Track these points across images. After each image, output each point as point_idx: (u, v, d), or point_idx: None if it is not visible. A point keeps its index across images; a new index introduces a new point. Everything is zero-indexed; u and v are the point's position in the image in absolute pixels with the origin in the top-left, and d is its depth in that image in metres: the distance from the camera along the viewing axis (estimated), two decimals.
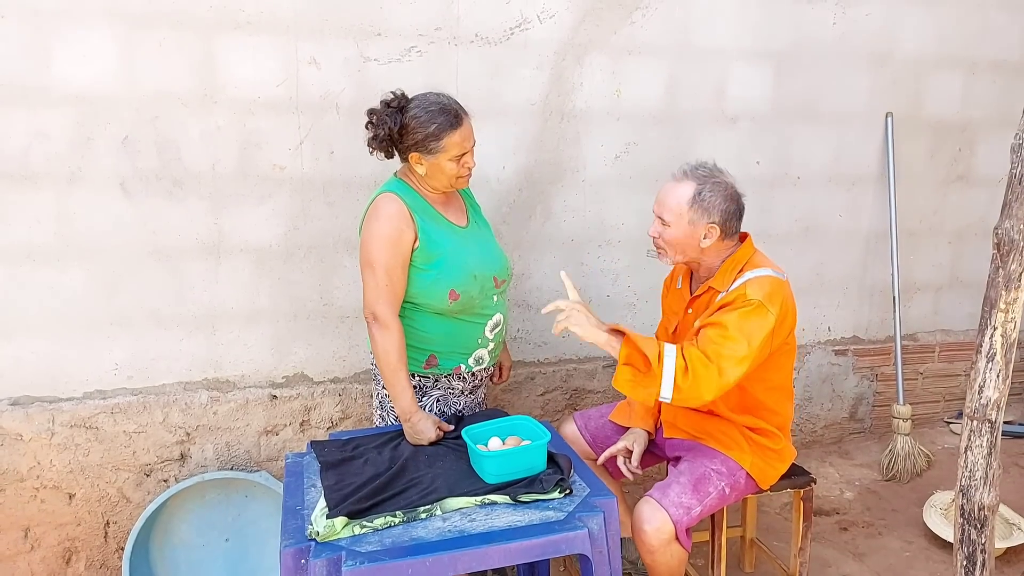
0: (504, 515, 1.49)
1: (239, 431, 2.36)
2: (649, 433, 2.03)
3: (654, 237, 1.86)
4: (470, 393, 2.02)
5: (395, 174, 1.93)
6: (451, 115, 1.81)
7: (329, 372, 2.44)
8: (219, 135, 2.20)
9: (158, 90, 2.13)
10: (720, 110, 2.65)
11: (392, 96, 1.83)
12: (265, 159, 2.25)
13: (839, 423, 3.13)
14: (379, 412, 2.02)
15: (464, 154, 1.84)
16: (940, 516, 2.49)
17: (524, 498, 1.54)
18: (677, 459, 1.95)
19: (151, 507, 2.16)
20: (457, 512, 1.51)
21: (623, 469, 1.96)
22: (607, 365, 2.71)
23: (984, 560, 1.61)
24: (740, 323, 1.69)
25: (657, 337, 2.08)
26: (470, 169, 1.88)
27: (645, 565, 1.82)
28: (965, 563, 1.62)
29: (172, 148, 2.18)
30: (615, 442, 2.04)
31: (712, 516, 1.94)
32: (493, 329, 1.96)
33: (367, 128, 1.85)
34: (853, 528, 2.56)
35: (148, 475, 2.31)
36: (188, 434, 2.32)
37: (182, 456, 2.33)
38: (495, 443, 1.70)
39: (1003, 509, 2.47)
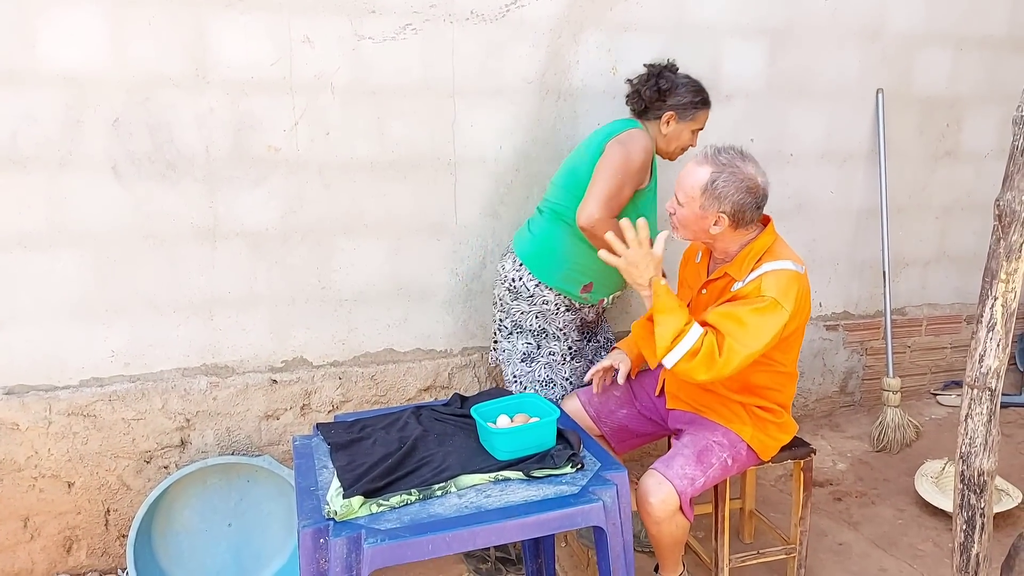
0: (519, 490, 1.50)
1: (239, 416, 2.35)
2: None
3: (670, 213, 1.86)
4: (591, 324, 2.36)
5: (628, 119, 2.21)
6: (707, 95, 2.18)
7: (329, 356, 2.43)
8: (212, 117, 2.16)
9: (149, 71, 2.09)
10: (715, 87, 2.63)
11: (667, 61, 2.19)
12: (260, 141, 2.21)
13: (830, 397, 3.19)
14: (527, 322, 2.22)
15: (698, 131, 2.20)
16: (931, 484, 2.55)
17: (537, 473, 1.55)
18: (679, 432, 1.98)
19: (154, 493, 2.14)
20: (472, 489, 1.52)
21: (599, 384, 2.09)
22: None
23: (983, 524, 1.65)
24: (757, 321, 1.70)
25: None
26: (688, 149, 2.22)
27: (650, 536, 1.85)
28: (965, 527, 1.67)
29: (164, 130, 2.14)
30: (622, 414, 2.07)
31: (715, 488, 1.97)
32: None
33: (632, 83, 2.20)
34: (847, 498, 2.62)
35: (148, 462, 2.29)
36: (188, 420, 2.30)
37: (182, 442, 2.31)
38: (503, 420, 1.71)
39: None
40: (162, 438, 2.28)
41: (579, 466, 1.59)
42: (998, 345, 1.58)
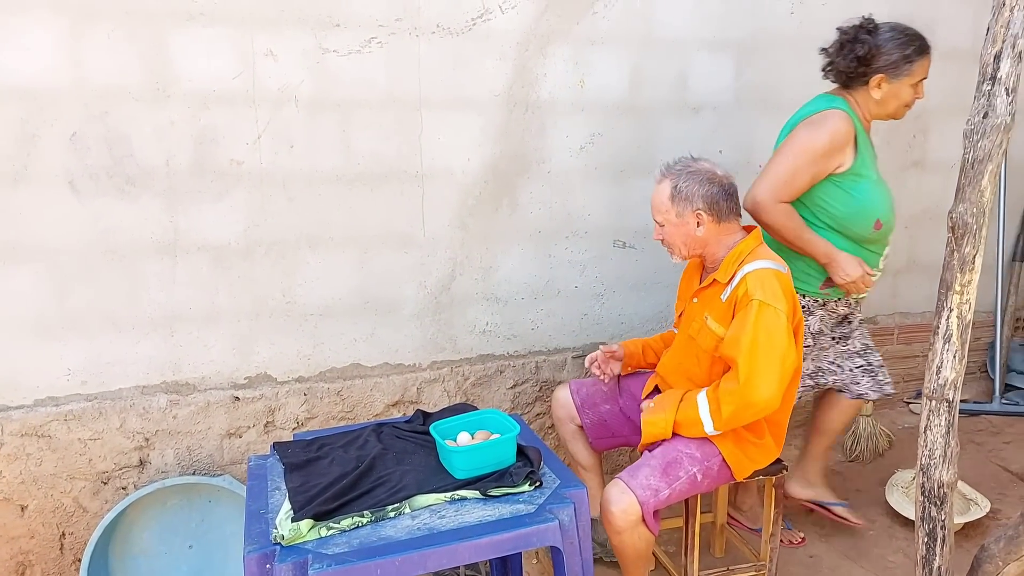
0: (474, 510, 1.47)
1: (200, 434, 2.30)
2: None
3: (660, 241, 1.93)
4: (844, 322, 2.24)
5: (828, 94, 2.09)
6: (923, 40, 1.98)
7: (294, 371, 2.39)
8: (173, 130, 2.13)
9: (107, 84, 2.06)
10: (683, 100, 2.66)
11: (861, 19, 2.01)
12: (222, 154, 2.19)
13: (803, 406, 3.17)
14: None
15: (921, 81, 2.01)
16: (901, 494, 2.55)
17: (494, 492, 1.53)
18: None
19: (109, 516, 2.09)
20: (426, 509, 1.49)
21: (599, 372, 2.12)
22: (576, 356, 2.71)
23: (944, 536, 1.64)
24: (754, 332, 1.72)
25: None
26: (918, 100, 2.06)
27: (612, 546, 1.84)
28: (926, 539, 1.66)
29: (124, 144, 2.10)
30: (604, 409, 2.12)
31: (686, 503, 1.94)
32: (883, 261, 2.16)
33: (828, 52, 2.06)
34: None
35: (105, 483, 2.24)
36: (147, 439, 2.25)
37: (141, 462, 2.26)
38: (464, 438, 1.69)
39: (961, 485, 2.54)
40: (120, 458, 2.23)
41: (538, 484, 1.56)
42: (955, 357, 1.58)
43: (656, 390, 2.08)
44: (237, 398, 2.32)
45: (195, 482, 2.23)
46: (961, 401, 3.32)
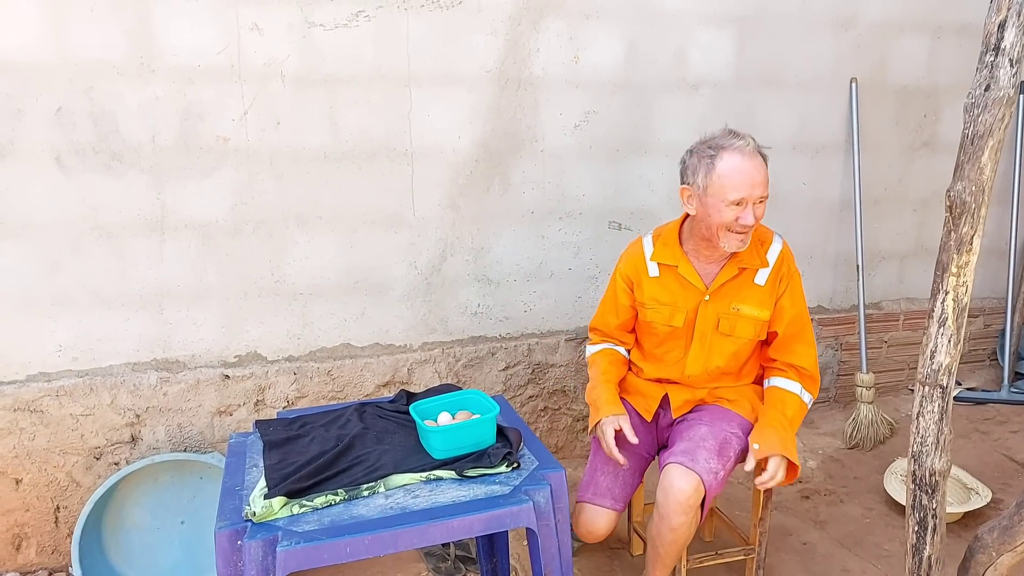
0: (449, 491, 1.45)
1: (191, 412, 2.30)
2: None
3: (744, 231, 1.74)
4: None
5: None
6: None
7: (283, 350, 2.38)
8: (158, 105, 2.11)
9: (92, 58, 2.03)
10: (681, 77, 2.59)
11: None
12: (208, 130, 2.16)
13: None
14: None
15: None
16: (899, 482, 2.50)
17: (471, 473, 1.51)
18: (684, 424, 1.87)
19: (100, 490, 2.10)
20: (401, 489, 1.47)
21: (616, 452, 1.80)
22: (568, 339, 2.67)
23: (935, 525, 1.60)
24: (805, 307, 1.85)
25: (606, 331, 2.00)
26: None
27: (660, 540, 1.73)
28: (917, 528, 1.62)
29: (109, 119, 2.09)
30: (634, 481, 1.92)
31: None
32: None
33: None
34: (815, 496, 2.57)
35: (98, 458, 2.25)
36: (138, 416, 2.25)
37: (133, 438, 2.27)
38: (444, 418, 1.66)
39: (963, 474, 2.49)
40: (112, 434, 2.24)
41: (515, 465, 1.54)
42: (949, 341, 1.53)
43: (665, 399, 1.93)
44: (227, 376, 2.31)
45: (186, 459, 2.23)
46: (969, 389, 3.28)
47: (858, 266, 2.94)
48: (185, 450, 2.32)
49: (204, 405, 2.31)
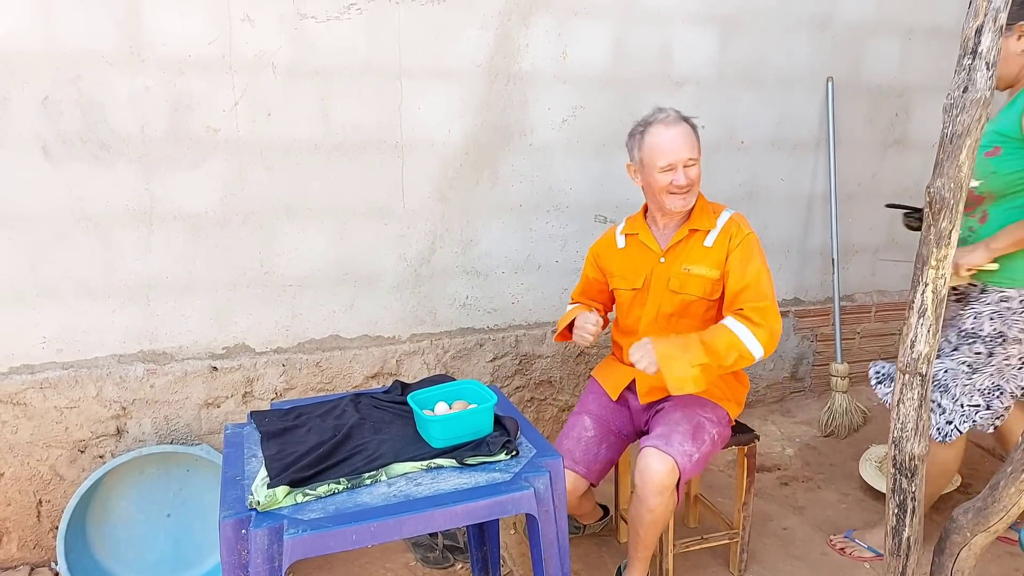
0: (450, 478, 1.48)
1: (178, 404, 2.29)
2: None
3: (684, 188, 1.88)
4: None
5: None
6: None
7: (272, 342, 2.38)
8: (148, 96, 2.09)
9: (80, 47, 2.00)
10: (666, 74, 2.64)
11: None
12: (198, 121, 2.15)
13: (780, 383, 3.22)
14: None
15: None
16: (874, 469, 2.60)
17: (470, 461, 1.53)
18: (659, 411, 1.94)
19: (85, 484, 2.08)
20: (403, 477, 1.49)
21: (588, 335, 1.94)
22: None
23: (915, 508, 1.68)
24: (760, 264, 1.84)
25: (580, 299, 2.17)
26: None
27: (639, 520, 1.81)
28: (897, 510, 1.69)
29: (97, 109, 2.06)
30: (601, 454, 1.98)
31: None
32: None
33: None
34: (793, 483, 2.66)
35: (82, 451, 2.22)
36: (124, 408, 2.23)
37: (118, 431, 2.25)
38: (441, 408, 1.69)
39: None
40: (97, 427, 2.22)
41: (514, 453, 1.57)
42: (929, 331, 1.60)
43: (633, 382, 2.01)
44: (215, 368, 2.30)
45: (172, 451, 2.22)
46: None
47: (833, 259, 3.03)
48: (172, 442, 2.31)
49: (191, 397, 2.30)
